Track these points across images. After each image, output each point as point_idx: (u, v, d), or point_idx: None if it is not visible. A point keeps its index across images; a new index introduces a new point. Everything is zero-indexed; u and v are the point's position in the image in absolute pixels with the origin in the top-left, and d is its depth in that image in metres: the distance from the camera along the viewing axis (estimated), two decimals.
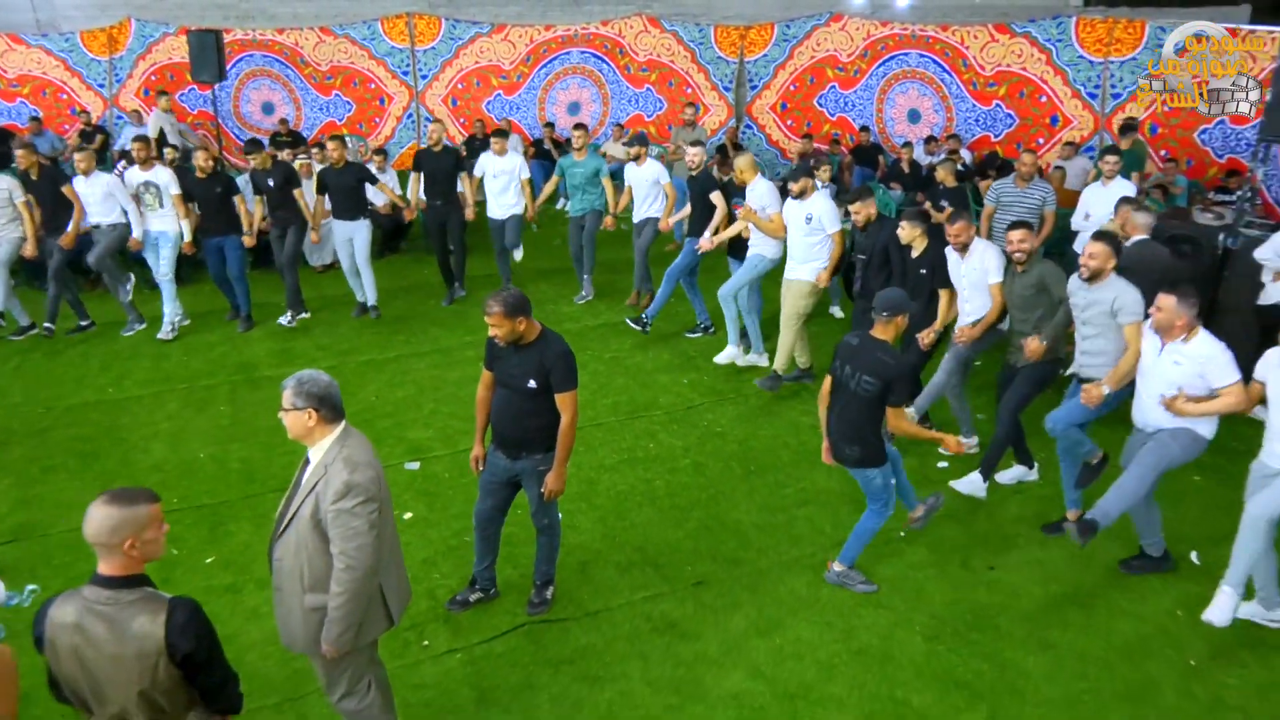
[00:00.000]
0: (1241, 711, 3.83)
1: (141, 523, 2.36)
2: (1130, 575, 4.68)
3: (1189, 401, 4.18)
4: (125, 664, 2.32)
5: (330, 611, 2.94)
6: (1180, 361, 4.21)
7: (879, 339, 4.26)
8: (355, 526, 2.87)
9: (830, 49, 12.49)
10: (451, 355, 7.41)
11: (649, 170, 8.09)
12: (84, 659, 2.34)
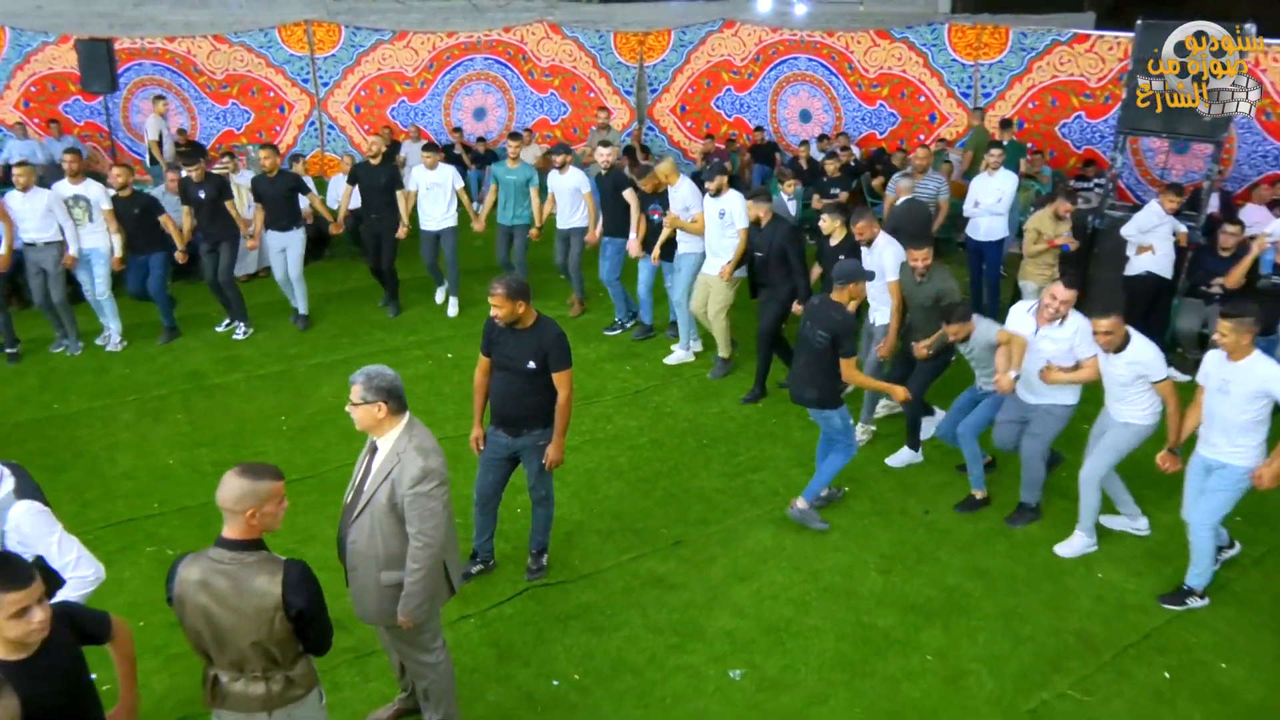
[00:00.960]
0: (1141, 610, 4.59)
1: (263, 496, 2.66)
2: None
3: (1060, 371, 4.94)
4: (245, 617, 2.62)
5: (408, 586, 3.25)
6: (1056, 340, 4.96)
7: (836, 301, 4.90)
8: (431, 508, 3.20)
9: (725, 54, 13.20)
10: (400, 355, 7.64)
11: (571, 178, 8.20)
12: (208, 612, 2.63)
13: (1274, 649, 4.31)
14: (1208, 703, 4.01)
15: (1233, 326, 4.20)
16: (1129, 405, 4.80)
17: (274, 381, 7.14)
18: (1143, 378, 4.68)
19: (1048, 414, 5.10)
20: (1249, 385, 4.23)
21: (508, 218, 8.52)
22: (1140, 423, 4.81)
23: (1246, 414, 4.27)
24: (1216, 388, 4.37)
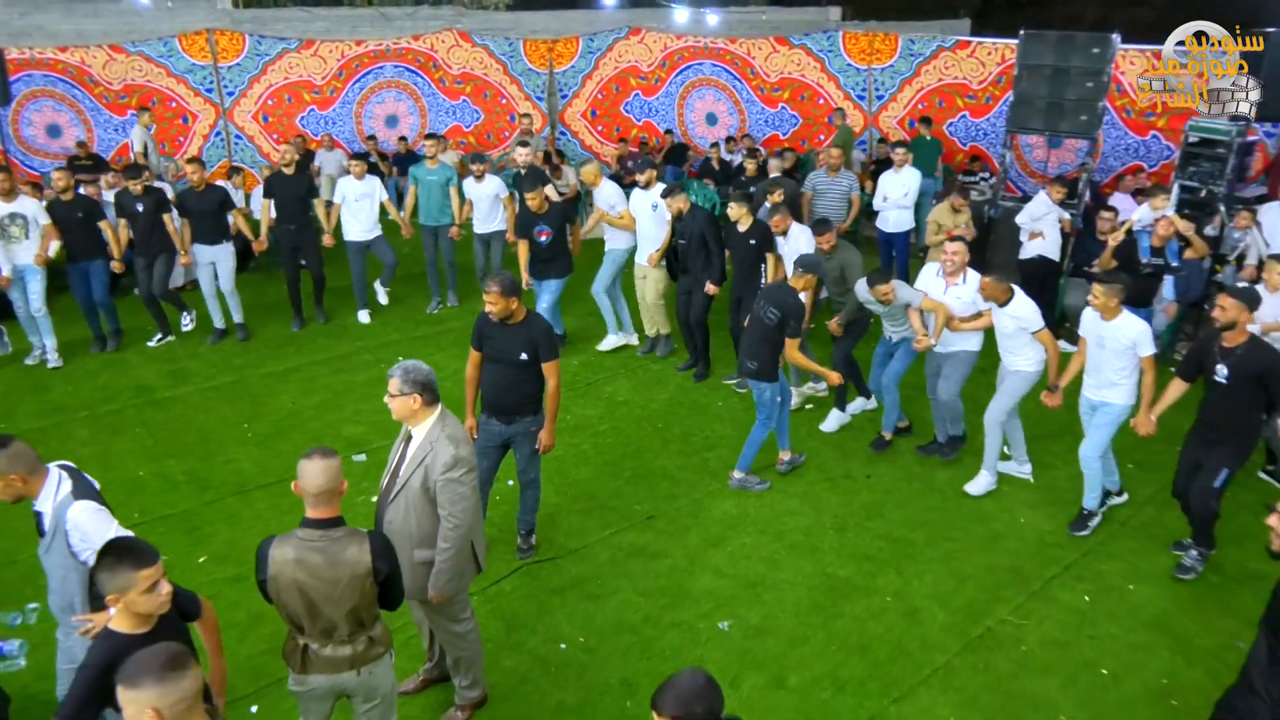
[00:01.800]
0: (1059, 546, 5.29)
1: (341, 473, 2.96)
2: (950, 461, 6.11)
3: (963, 321, 5.80)
4: (340, 586, 2.92)
5: (438, 563, 3.56)
6: (960, 297, 5.82)
7: (792, 286, 5.47)
8: (461, 492, 3.52)
9: (632, 60, 13.67)
10: (350, 361, 7.81)
11: (489, 185, 8.57)
12: (304, 586, 2.91)
13: (1168, 569, 5.06)
14: (1122, 619, 4.70)
15: (1104, 290, 5.07)
16: (1017, 355, 5.66)
17: (227, 392, 7.20)
18: (1023, 329, 5.51)
19: (956, 360, 5.95)
20: (1121, 340, 5.08)
21: (430, 218, 8.79)
22: (1028, 369, 5.66)
23: (1120, 362, 5.12)
24: (1095, 342, 5.23)
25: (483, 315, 4.75)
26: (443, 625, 3.82)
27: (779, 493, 5.80)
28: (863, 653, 4.44)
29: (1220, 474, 4.81)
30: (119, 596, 2.56)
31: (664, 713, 2.30)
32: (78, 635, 3.20)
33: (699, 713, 2.28)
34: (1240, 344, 4.75)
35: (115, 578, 2.55)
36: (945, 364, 5.99)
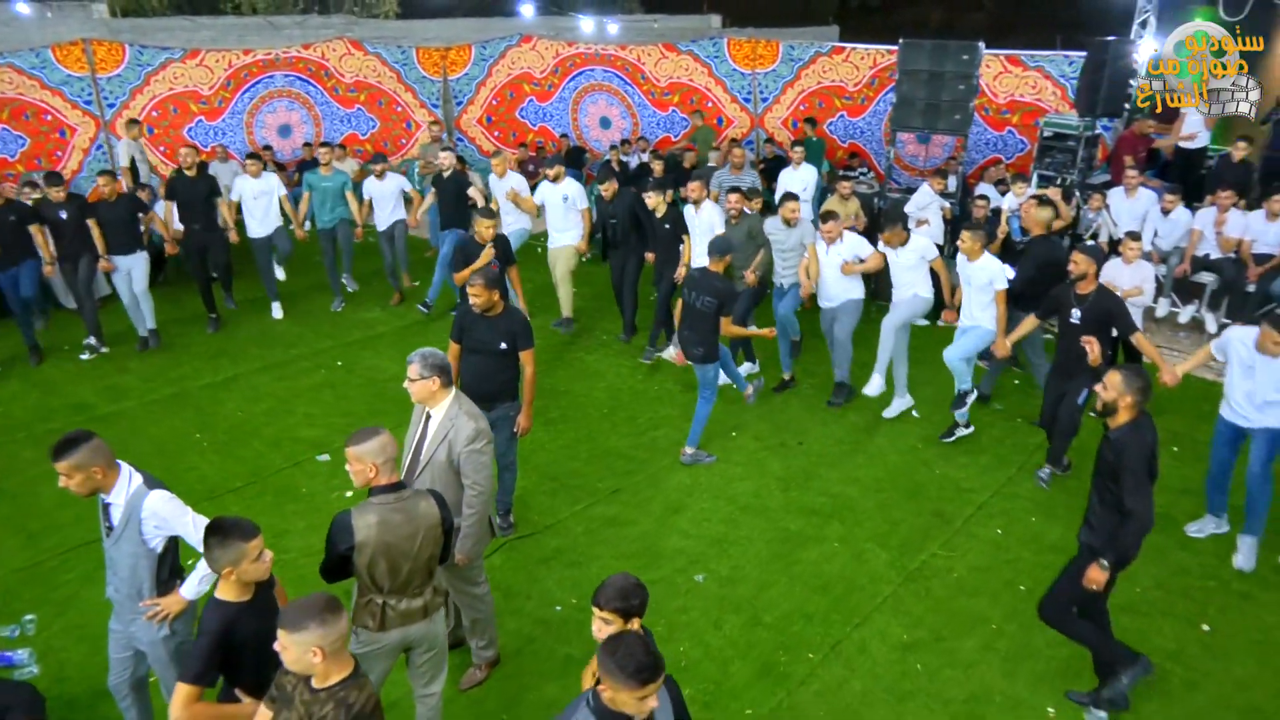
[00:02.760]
0: (972, 490, 6.08)
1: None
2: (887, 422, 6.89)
3: (852, 265, 6.82)
4: (418, 540, 3.28)
5: (465, 528, 3.94)
6: (839, 252, 6.82)
7: (713, 271, 6.04)
8: (484, 461, 3.91)
9: (524, 67, 14.04)
10: (290, 368, 7.92)
11: (391, 182, 9.28)
12: (389, 546, 3.25)
13: (1063, 502, 5.91)
14: (1029, 544, 5.50)
15: (970, 235, 6.27)
16: (915, 286, 6.74)
17: (171, 404, 7.21)
18: (924, 259, 6.70)
19: (845, 309, 6.98)
20: (983, 277, 6.26)
21: (327, 220, 9.16)
22: (925, 295, 6.78)
23: (984, 296, 6.34)
24: (964, 280, 6.41)
25: (463, 310, 5.12)
26: (463, 589, 4.19)
27: (725, 463, 6.38)
28: (823, 590, 5.06)
29: (1082, 393, 5.76)
30: (233, 568, 2.86)
31: (606, 607, 2.77)
32: (143, 620, 3.42)
33: (635, 604, 2.78)
34: (1090, 291, 5.73)
35: (229, 551, 2.84)
36: (837, 314, 7.04)
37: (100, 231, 7.77)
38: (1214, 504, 5.53)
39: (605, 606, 2.77)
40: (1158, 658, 4.50)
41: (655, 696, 2.38)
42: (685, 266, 7.79)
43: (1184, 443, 6.63)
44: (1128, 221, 8.36)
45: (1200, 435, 6.71)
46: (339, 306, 9.38)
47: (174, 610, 3.43)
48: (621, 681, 2.32)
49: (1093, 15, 29.44)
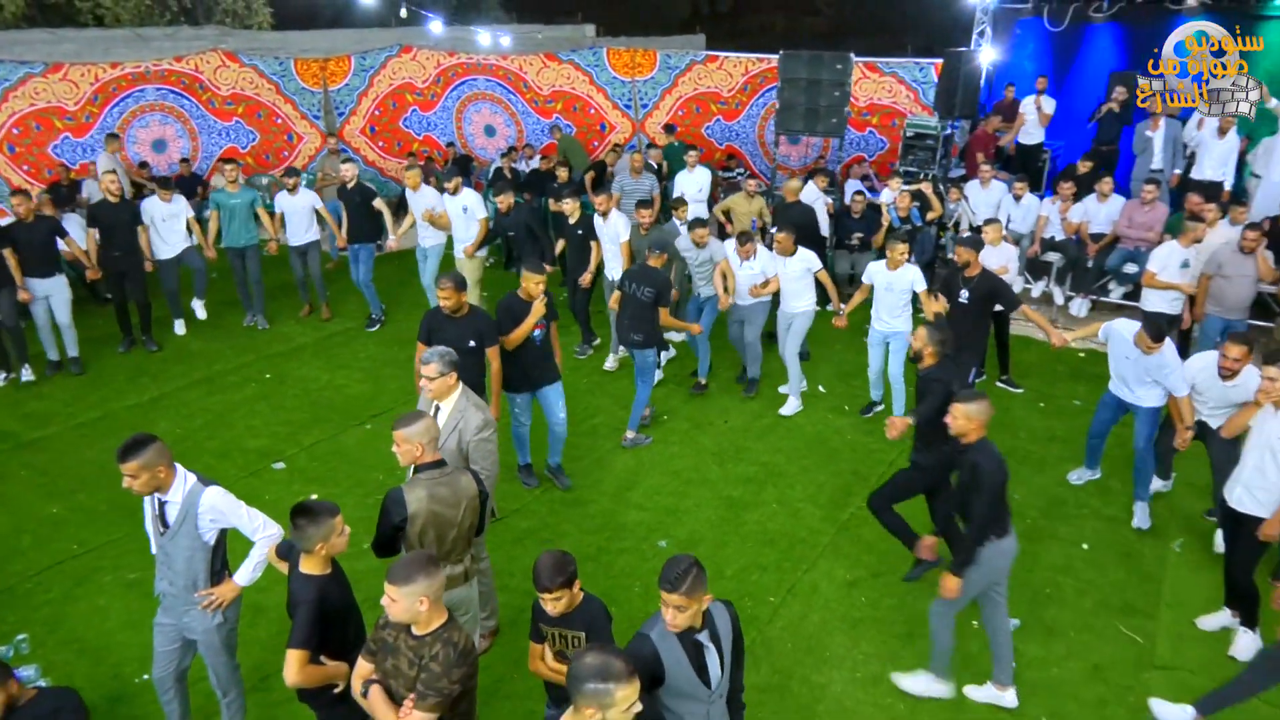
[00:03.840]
0: (882, 451, 6.90)
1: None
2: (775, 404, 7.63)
3: (759, 287, 7.37)
4: (460, 510, 3.69)
5: None
6: (753, 268, 7.38)
7: (652, 266, 6.62)
8: (490, 448, 4.33)
9: (406, 77, 14.18)
10: (216, 383, 7.95)
11: (304, 198, 9.16)
12: (438, 516, 3.65)
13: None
14: None
15: (897, 247, 6.85)
16: (801, 299, 7.38)
17: (100, 427, 7.15)
18: (809, 271, 7.29)
19: (755, 312, 7.58)
20: (903, 284, 6.89)
21: (236, 240, 9.05)
22: (809, 309, 7.42)
23: (904, 300, 6.94)
24: (884, 286, 6.98)
25: (431, 313, 5.49)
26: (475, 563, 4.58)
27: (662, 443, 6.97)
28: (770, 545, 5.72)
29: (971, 373, 6.64)
30: (323, 543, 3.20)
31: (549, 587, 3.11)
32: (198, 610, 3.67)
33: (571, 573, 3.17)
34: (976, 274, 6.63)
35: (320, 528, 3.18)
36: (747, 318, 7.61)
37: (16, 256, 7.53)
38: (1091, 460, 6.45)
39: (549, 587, 3.13)
40: (1050, 573, 5.43)
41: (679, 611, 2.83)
42: (590, 272, 8.37)
43: (1048, 399, 7.71)
44: (985, 210, 9.48)
45: (1058, 393, 7.87)
46: (253, 321, 9.36)
47: (228, 598, 3.70)
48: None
49: (921, 20, 31.92)
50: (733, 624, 3.06)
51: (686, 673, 2.88)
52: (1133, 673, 4.71)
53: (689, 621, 2.84)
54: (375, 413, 7.42)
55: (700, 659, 2.91)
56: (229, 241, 9.05)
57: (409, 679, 2.89)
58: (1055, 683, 4.63)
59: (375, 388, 7.90)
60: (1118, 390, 5.99)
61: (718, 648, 2.95)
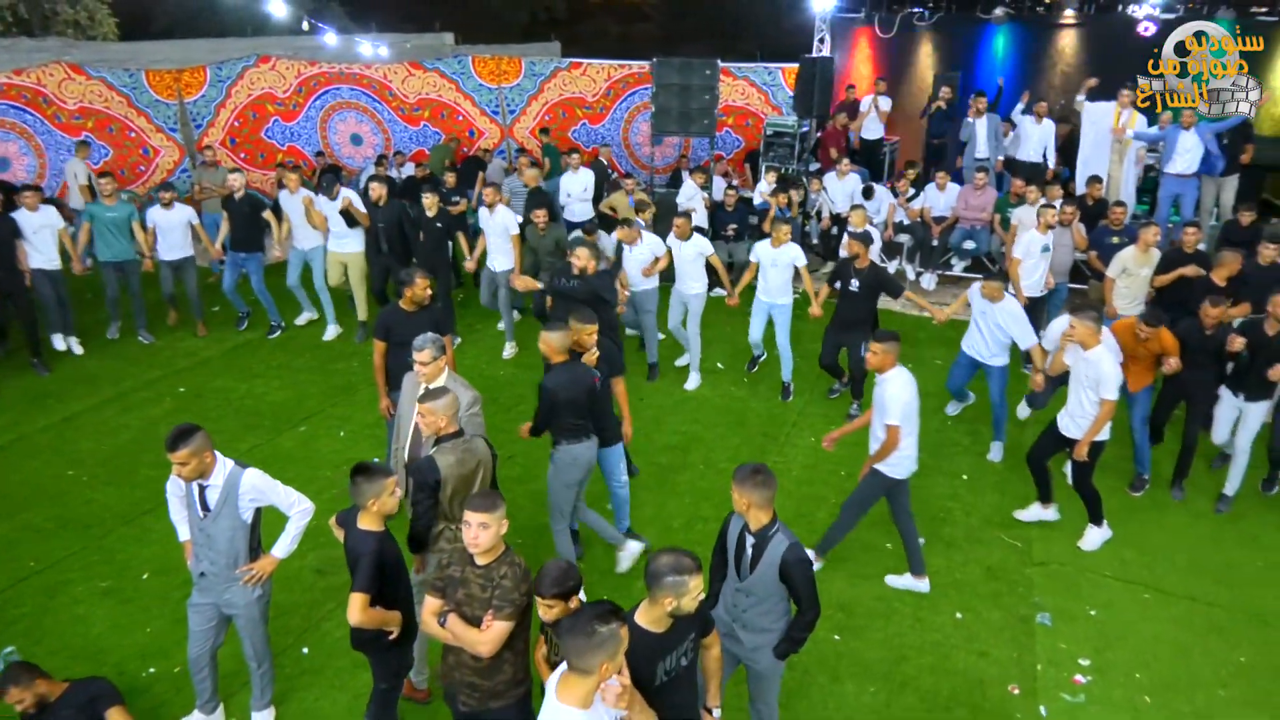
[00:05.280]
0: (784, 410, 7.76)
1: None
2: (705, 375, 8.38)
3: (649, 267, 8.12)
4: (479, 472, 4.17)
5: None
6: (640, 253, 8.14)
7: (577, 264, 7.19)
8: (480, 421, 4.79)
9: (265, 87, 13.99)
10: (128, 399, 7.87)
11: (180, 213, 9.11)
12: (465, 477, 4.11)
13: (845, 413, 7.76)
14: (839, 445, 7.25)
15: (780, 223, 7.75)
16: (695, 281, 8.17)
17: (19, 450, 7.00)
18: (701, 255, 8.11)
19: (647, 296, 8.25)
20: (786, 260, 7.81)
21: (116, 254, 8.93)
22: (702, 290, 8.20)
23: (785, 275, 7.82)
24: (769, 263, 7.86)
25: (388, 311, 5.87)
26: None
27: None
28: (705, 499, 6.44)
29: (861, 347, 7.60)
30: (375, 500, 3.60)
31: (544, 595, 3.19)
32: (239, 585, 3.97)
33: (569, 588, 3.21)
34: (865, 266, 7.57)
35: (374, 485, 3.59)
36: (640, 299, 8.26)
37: None
38: (956, 396, 7.65)
39: (545, 595, 3.19)
40: (941, 500, 6.45)
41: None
42: (474, 261, 9.10)
43: (915, 361, 8.81)
44: (842, 199, 10.59)
45: (923, 355, 9.02)
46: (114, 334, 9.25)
47: (268, 571, 4.02)
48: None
49: (750, 27, 33.70)
50: (781, 561, 3.54)
51: (729, 552, 3.60)
52: (1018, 570, 5.72)
53: (742, 512, 3.54)
54: (305, 415, 7.61)
55: (741, 551, 3.56)
56: (109, 256, 8.87)
57: (483, 600, 3.37)
58: (960, 584, 5.57)
59: (296, 393, 8.06)
60: (972, 351, 7.10)
61: (755, 557, 3.58)
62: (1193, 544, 6.01)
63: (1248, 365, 6.11)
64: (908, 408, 5.16)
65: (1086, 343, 5.59)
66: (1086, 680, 4.80)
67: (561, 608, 3.24)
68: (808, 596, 3.58)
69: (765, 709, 3.91)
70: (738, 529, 3.71)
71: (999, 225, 9.93)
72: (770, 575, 3.58)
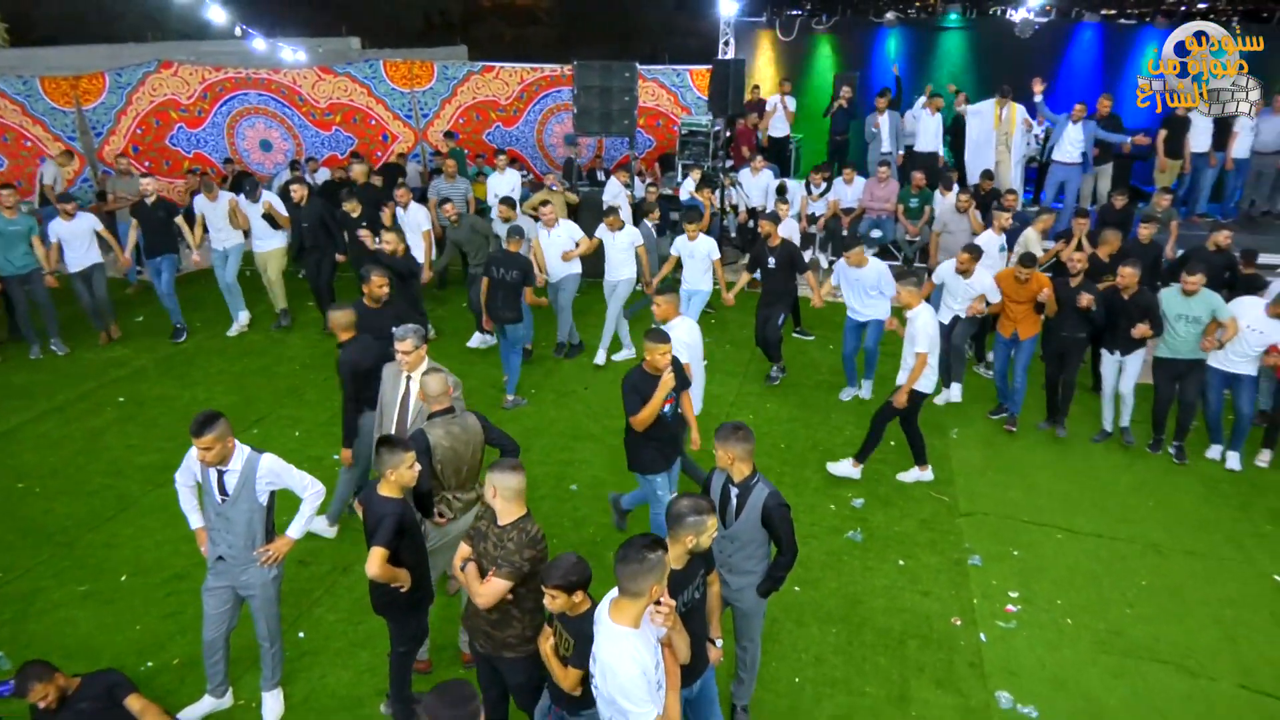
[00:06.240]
0: (723, 394, 8.24)
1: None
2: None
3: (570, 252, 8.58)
4: (471, 445, 4.46)
5: None
6: (559, 238, 8.58)
7: (513, 251, 7.54)
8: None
9: (168, 93, 13.70)
10: (66, 412, 7.75)
11: (83, 222, 9.02)
12: (455, 450, 4.40)
13: (786, 390, 8.30)
14: (773, 420, 7.76)
15: (692, 221, 8.32)
16: (625, 268, 8.68)
17: None
18: (632, 245, 8.62)
19: (567, 281, 8.72)
20: (702, 252, 8.40)
21: (18, 267, 8.74)
22: (631, 277, 8.72)
23: (704, 266, 8.42)
24: (687, 255, 8.45)
25: (353, 307, 6.02)
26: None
27: (538, 414, 7.86)
28: None
29: (780, 317, 8.21)
30: (394, 470, 3.87)
31: (549, 584, 3.24)
32: (256, 566, 4.16)
33: (570, 582, 3.23)
34: (778, 244, 8.15)
35: (395, 456, 3.86)
36: (561, 283, 8.73)
37: None
38: (850, 379, 8.26)
39: (549, 584, 3.25)
40: (874, 465, 6.99)
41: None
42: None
43: (835, 340, 9.44)
44: (755, 193, 11.19)
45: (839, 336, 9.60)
46: (37, 354, 9.01)
47: (284, 551, 4.22)
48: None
49: (643, 30, 34.32)
50: (763, 508, 3.97)
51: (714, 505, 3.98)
52: (948, 521, 6.35)
53: (724, 465, 3.91)
54: (256, 418, 7.67)
55: (725, 502, 3.98)
56: (10, 270, 8.65)
57: (493, 557, 3.69)
58: (899, 536, 6.15)
59: (243, 397, 8.08)
60: (852, 314, 7.93)
61: (740, 506, 4.00)
62: (1094, 490, 6.77)
63: (1113, 325, 7.06)
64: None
65: (909, 304, 6.38)
66: (1017, 609, 5.43)
67: (565, 600, 3.27)
68: (787, 538, 4.03)
69: (750, 645, 4.34)
70: (720, 483, 4.13)
71: (903, 215, 10.71)
72: (753, 521, 4.01)
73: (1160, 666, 4.96)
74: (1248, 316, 6.70)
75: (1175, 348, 6.93)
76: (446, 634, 4.97)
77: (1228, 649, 5.11)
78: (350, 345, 5.67)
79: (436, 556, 4.57)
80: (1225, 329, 6.71)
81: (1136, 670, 4.93)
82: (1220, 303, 6.76)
